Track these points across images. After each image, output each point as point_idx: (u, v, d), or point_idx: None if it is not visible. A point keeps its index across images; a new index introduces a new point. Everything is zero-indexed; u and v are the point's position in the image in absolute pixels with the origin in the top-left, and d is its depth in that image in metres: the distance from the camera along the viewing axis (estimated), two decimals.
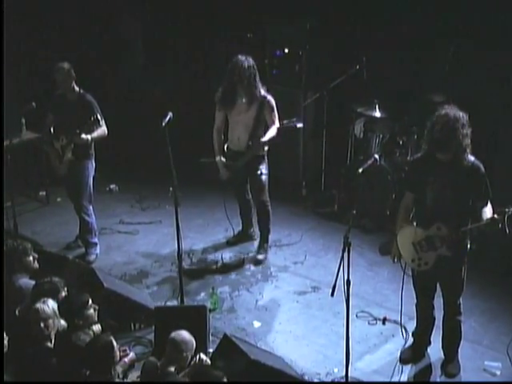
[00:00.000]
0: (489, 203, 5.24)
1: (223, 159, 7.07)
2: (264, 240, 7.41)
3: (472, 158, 5.21)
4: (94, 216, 7.35)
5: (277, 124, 6.94)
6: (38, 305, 5.22)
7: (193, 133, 7.11)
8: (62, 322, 5.32)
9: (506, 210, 5.05)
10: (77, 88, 7.00)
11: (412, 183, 5.44)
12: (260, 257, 7.36)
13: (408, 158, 7.59)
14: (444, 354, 5.76)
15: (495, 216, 5.09)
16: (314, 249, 7.57)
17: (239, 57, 6.82)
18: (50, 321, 5.18)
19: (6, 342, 5.20)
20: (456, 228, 5.20)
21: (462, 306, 5.59)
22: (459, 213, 5.24)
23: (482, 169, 5.20)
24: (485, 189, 5.21)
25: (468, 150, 5.14)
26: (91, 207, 7.32)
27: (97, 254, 7.40)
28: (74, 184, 7.22)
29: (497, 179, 7.08)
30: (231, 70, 6.83)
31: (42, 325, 5.14)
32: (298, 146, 8.66)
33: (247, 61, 6.79)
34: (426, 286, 5.60)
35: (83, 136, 6.86)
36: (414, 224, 5.39)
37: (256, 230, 7.61)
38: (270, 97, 6.93)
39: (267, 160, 7.14)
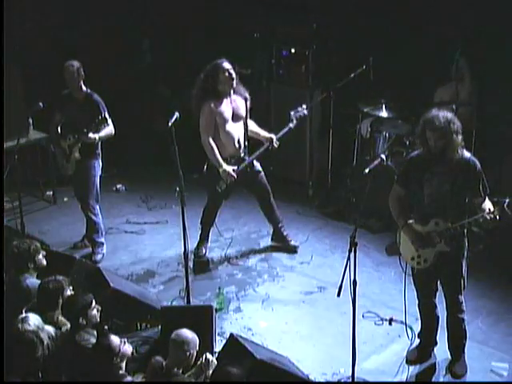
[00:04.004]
0: (487, 198, 5.25)
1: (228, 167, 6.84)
2: (282, 225, 7.42)
3: (468, 155, 5.26)
4: (100, 216, 7.36)
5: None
6: (18, 325, 5.01)
7: (199, 133, 7.13)
8: (49, 328, 5.15)
9: (503, 200, 5.08)
10: (84, 87, 7.01)
11: (407, 181, 5.43)
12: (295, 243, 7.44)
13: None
14: (450, 354, 5.75)
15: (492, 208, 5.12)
16: (321, 249, 7.55)
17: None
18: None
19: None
20: (454, 222, 5.22)
21: (464, 304, 5.56)
22: (457, 208, 5.26)
23: (478, 165, 5.23)
24: (483, 184, 5.24)
25: (462, 146, 5.19)
26: (98, 207, 7.32)
27: (103, 254, 7.41)
28: (81, 183, 7.23)
29: (506, 179, 7.10)
30: (218, 71, 6.70)
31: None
32: (305, 146, 8.66)
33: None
34: (427, 285, 5.58)
35: (90, 135, 6.88)
36: (411, 221, 5.38)
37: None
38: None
39: None
